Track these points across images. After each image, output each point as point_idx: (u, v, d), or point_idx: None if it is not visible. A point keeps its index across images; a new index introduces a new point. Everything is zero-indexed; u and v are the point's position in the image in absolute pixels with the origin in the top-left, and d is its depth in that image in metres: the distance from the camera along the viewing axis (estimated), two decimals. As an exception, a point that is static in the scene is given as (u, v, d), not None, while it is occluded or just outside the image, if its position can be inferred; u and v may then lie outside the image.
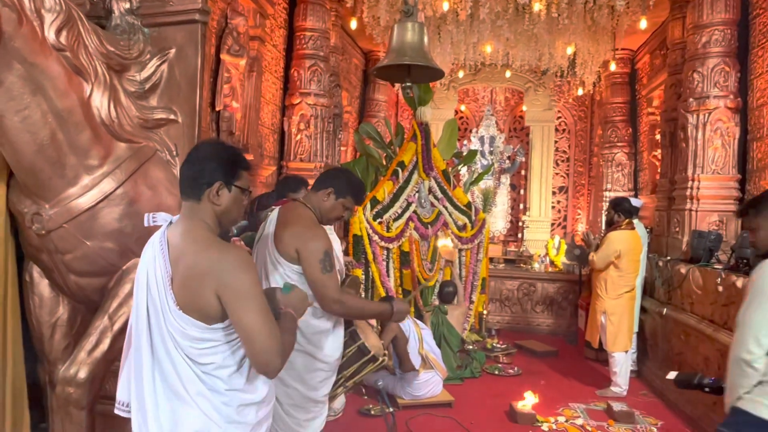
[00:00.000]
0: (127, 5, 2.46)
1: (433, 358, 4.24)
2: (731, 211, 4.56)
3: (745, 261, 3.64)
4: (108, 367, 2.22)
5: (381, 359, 2.34)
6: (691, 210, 4.65)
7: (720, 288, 3.74)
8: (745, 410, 1.91)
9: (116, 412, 1.66)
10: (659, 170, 5.89)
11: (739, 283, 3.48)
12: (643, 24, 5.54)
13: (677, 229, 4.84)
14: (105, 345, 2.17)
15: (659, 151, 5.99)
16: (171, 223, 1.62)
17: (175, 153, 2.43)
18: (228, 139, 4.43)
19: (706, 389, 2.15)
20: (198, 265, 1.48)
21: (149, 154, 2.33)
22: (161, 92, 2.47)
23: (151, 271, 1.54)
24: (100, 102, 2.18)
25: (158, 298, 1.51)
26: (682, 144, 4.79)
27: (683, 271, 4.41)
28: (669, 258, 4.86)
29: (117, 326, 2.17)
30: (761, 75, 4.46)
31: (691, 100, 4.67)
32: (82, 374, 2.14)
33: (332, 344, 2.25)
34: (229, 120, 4.40)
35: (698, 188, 4.62)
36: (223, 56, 4.31)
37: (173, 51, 2.46)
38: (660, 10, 5.66)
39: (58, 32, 2.03)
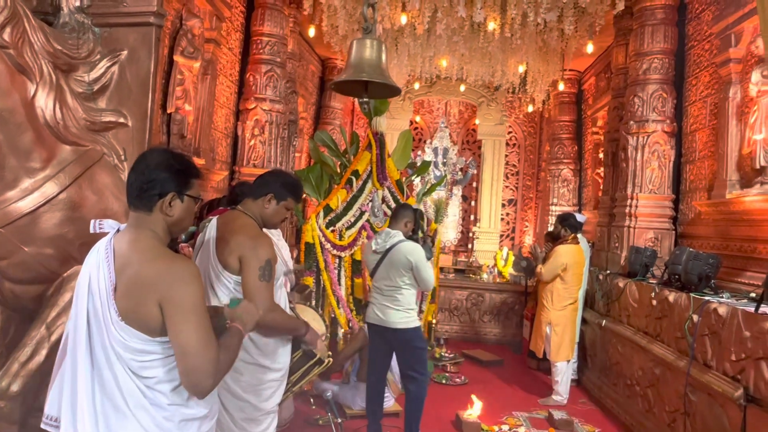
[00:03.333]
0: (77, 3, 2.38)
1: (390, 378, 4.26)
2: (666, 229, 4.84)
3: (677, 276, 3.86)
4: (43, 380, 2.11)
5: (327, 361, 2.35)
6: (629, 227, 4.90)
7: (654, 302, 3.96)
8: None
9: (43, 426, 1.57)
10: (602, 187, 6.18)
11: (671, 297, 3.70)
12: (590, 48, 5.83)
13: (617, 245, 5.09)
14: (41, 356, 2.08)
15: (602, 169, 6.29)
16: (118, 230, 1.57)
17: (123, 157, 2.37)
18: (179, 143, 4.33)
19: None
20: (143, 275, 1.45)
21: (96, 158, 2.26)
22: (111, 94, 2.40)
23: (94, 278, 1.49)
24: (44, 102, 2.10)
25: (100, 307, 1.46)
26: (623, 164, 5.05)
27: (621, 284, 4.63)
28: (609, 272, 5.09)
29: (54, 337, 2.09)
30: (694, 102, 4.78)
31: (631, 122, 4.94)
32: (15, 387, 2.04)
33: (284, 352, 2.24)
34: (181, 123, 4.29)
35: (636, 206, 4.88)
36: (177, 58, 4.21)
37: (125, 53, 2.40)
38: (606, 36, 5.97)
39: (2, 29, 1.94)
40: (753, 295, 3.32)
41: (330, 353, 2.44)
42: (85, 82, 2.33)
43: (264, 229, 2.28)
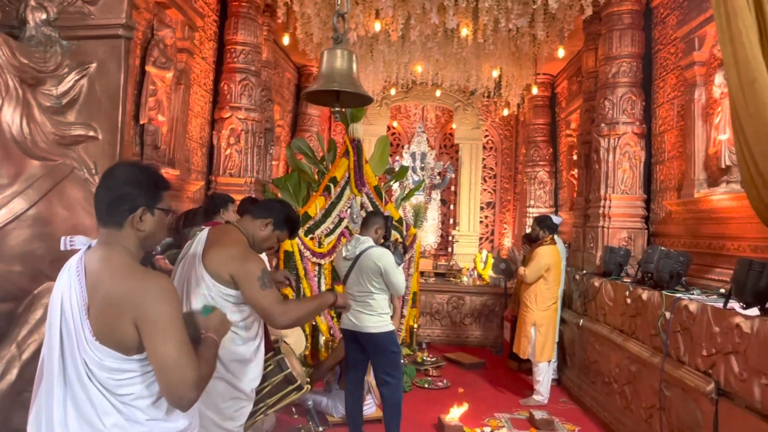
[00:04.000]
0: (44, 16, 2.35)
1: (374, 386, 4.26)
2: (638, 228, 4.95)
3: (649, 275, 3.95)
4: (15, 400, 2.07)
5: (306, 388, 2.36)
6: (603, 227, 5.00)
7: (628, 300, 4.04)
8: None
9: None
10: (576, 189, 6.29)
11: (645, 295, 3.78)
12: (561, 53, 5.94)
13: (592, 245, 5.18)
14: (12, 375, 2.04)
15: (576, 170, 6.40)
16: (90, 247, 1.56)
17: (94, 171, 2.34)
18: (153, 154, 4.29)
19: None
20: (116, 293, 1.44)
21: (66, 173, 2.23)
22: (80, 107, 2.37)
23: (66, 297, 1.47)
24: (11, 118, 2.07)
25: (73, 326, 1.45)
26: (595, 165, 5.15)
27: (597, 284, 4.72)
28: (585, 272, 5.18)
29: (26, 355, 2.05)
30: (662, 104, 4.90)
31: (602, 125, 5.05)
32: (-15, 408, 1.99)
33: (252, 373, 2.22)
34: (154, 134, 4.25)
35: (609, 207, 4.98)
36: (149, 68, 4.17)
37: (94, 65, 2.38)
38: (576, 40, 6.09)
39: (-35, 44, 1.91)
40: (722, 290, 3.41)
41: (309, 379, 2.46)
42: (53, 95, 2.30)
43: None
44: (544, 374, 4.84)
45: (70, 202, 2.20)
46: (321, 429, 3.87)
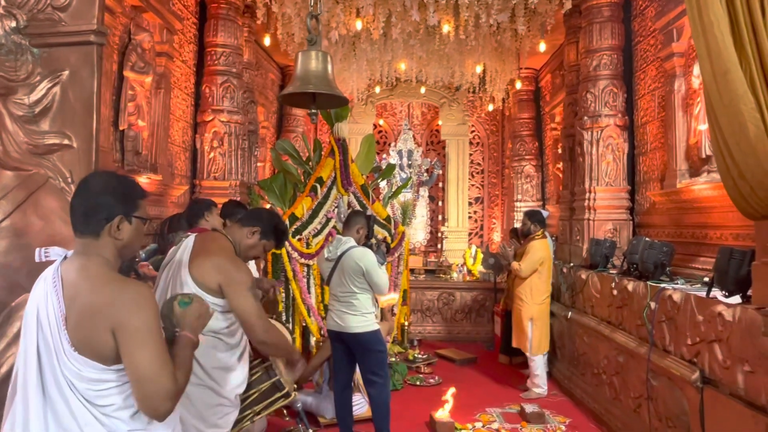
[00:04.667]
0: (13, 24, 2.32)
1: (362, 384, 4.26)
2: (623, 220, 4.98)
3: (635, 266, 3.98)
4: (-5, 414, 2.05)
5: (293, 395, 2.37)
6: (589, 219, 5.02)
7: (614, 291, 4.06)
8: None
9: None
10: (562, 182, 6.31)
11: (630, 286, 3.80)
12: (542, 47, 5.96)
13: (578, 238, 5.21)
14: (-9, 390, 2.01)
15: (562, 163, 6.42)
16: (66, 257, 1.54)
17: (69, 180, 2.31)
18: (134, 159, 4.25)
19: None
20: (94, 302, 1.42)
21: (40, 182, 2.21)
22: (54, 116, 2.33)
23: (42, 309, 1.46)
24: (-19, 128, 2.03)
25: (51, 338, 1.43)
26: (579, 158, 5.18)
27: (584, 276, 4.74)
28: (572, 264, 5.21)
29: (4, 369, 2.02)
30: (643, 96, 4.93)
31: (585, 118, 5.07)
32: (-37, 424, 1.96)
33: (236, 380, 2.21)
34: (135, 139, 4.21)
35: (594, 199, 5.01)
36: (127, 73, 4.13)
37: (66, 73, 2.34)
38: (558, 34, 6.11)
39: (-70, 55, 1.88)
40: (706, 279, 3.44)
41: (296, 386, 2.48)
42: (25, 104, 2.27)
43: None
44: (540, 367, 4.88)
45: (46, 212, 2.18)
46: (311, 431, 3.87)
